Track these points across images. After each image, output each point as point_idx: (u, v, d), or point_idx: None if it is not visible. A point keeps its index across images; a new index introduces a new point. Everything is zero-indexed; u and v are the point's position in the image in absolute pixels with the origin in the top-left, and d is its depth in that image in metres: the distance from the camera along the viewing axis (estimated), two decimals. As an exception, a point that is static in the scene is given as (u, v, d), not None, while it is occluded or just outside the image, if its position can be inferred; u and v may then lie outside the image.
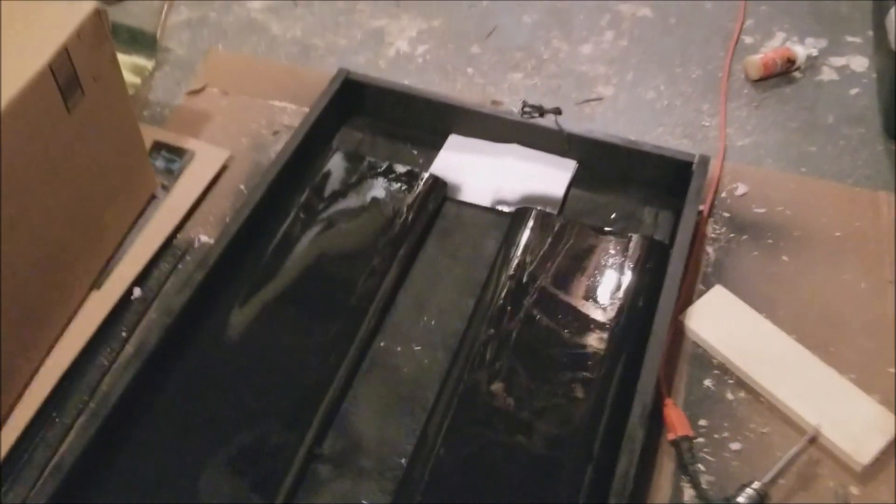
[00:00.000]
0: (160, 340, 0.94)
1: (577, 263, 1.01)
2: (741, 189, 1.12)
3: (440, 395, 0.93)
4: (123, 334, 1.03)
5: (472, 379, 0.92)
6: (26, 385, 0.97)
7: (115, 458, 0.88)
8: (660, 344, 0.89)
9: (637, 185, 1.10)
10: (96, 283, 1.07)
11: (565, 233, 1.04)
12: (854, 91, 1.25)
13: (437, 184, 1.12)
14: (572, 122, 1.14)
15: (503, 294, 0.99)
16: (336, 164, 1.15)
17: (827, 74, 1.28)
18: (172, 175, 1.19)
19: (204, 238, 1.13)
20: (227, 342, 0.97)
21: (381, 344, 0.99)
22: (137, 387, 0.91)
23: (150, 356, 0.93)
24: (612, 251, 1.01)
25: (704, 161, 1.05)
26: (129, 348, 1.01)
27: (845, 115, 1.21)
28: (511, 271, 1.01)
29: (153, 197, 1.16)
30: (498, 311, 0.97)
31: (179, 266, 1.10)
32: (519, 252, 1.02)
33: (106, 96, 1.01)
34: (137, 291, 1.07)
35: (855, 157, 1.16)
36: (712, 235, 1.08)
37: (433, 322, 1.00)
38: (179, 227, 1.14)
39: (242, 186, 1.18)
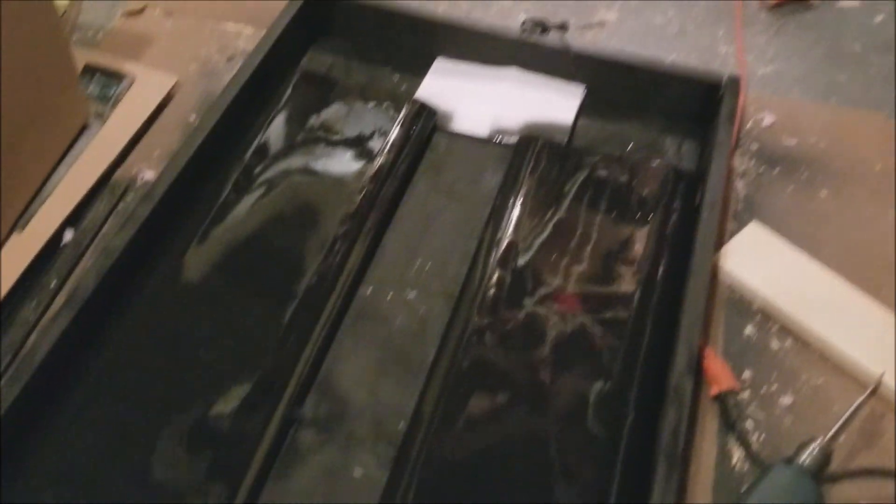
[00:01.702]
0: (97, 288, 0.77)
1: (595, 197, 0.87)
2: (768, 119, 1.00)
3: (443, 347, 0.78)
4: (53, 284, 0.85)
5: (481, 327, 0.77)
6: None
7: (44, 433, 0.71)
8: (703, 282, 0.76)
9: (656, 111, 0.96)
10: (17, 224, 0.88)
11: (579, 163, 0.90)
12: (879, 18, 1.14)
13: (425, 111, 0.96)
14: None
15: (511, 233, 0.84)
16: (302, 91, 0.99)
17: (847, 1, 1.16)
18: (108, 103, 1.01)
19: (148, 175, 0.95)
20: (179, 289, 0.81)
21: (368, 291, 0.83)
22: (70, 344, 0.74)
23: (86, 306, 0.75)
24: (635, 183, 0.88)
25: (735, 81, 0.92)
26: (60, 300, 0.83)
27: (872, 44, 1.10)
28: (518, 208, 0.86)
29: (85, 127, 0.98)
30: (506, 252, 0.83)
31: (119, 206, 0.92)
32: (526, 187, 0.88)
33: (25, 4, 0.83)
34: (69, 234, 0.89)
35: (887, 87, 1.04)
36: (740, 169, 0.95)
37: (428, 266, 0.85)
38: (118, 161, 0.96)
39: (192, 118, 1.01)
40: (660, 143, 0.95)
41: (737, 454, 0.75)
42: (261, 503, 0.70)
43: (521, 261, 0.82)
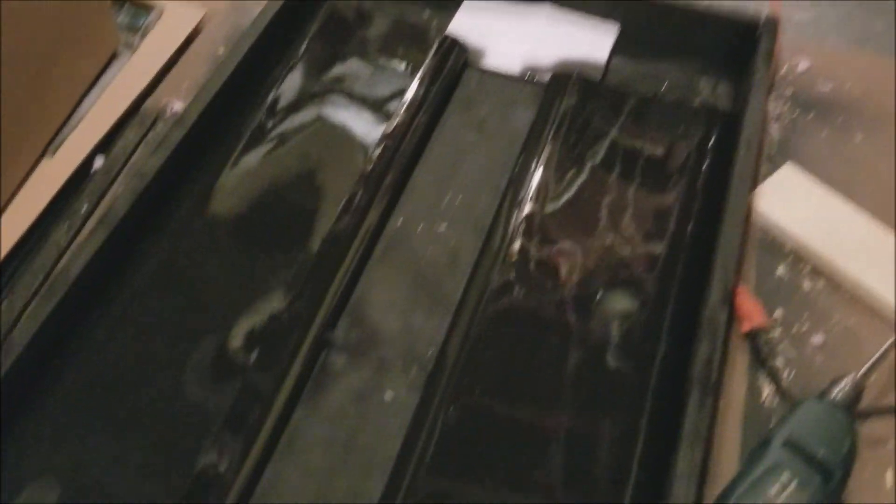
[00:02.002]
0: (132, 208, 0.77)
1: (629, 135, 0.86)
2: (803, 64, 0.99)
3: (473, 279, 0.78)
4: (84, 209, 0.85)
5: (512, 261, 0.77)
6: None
7: (74, 351, 0.72)
8: (739, 218, 0.76)
9: (691, 52, 0.95)
10: (47, 150, 0.88)
11: (612, 102, 0.89)
12: (917, -34, 1.12)
13: (456, 46, 0.95)
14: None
15: (543, 170, 0.84)
16: (333, 24, 0.98)
17: (885, -51, 1.15)
18: (137, 33, 1.00)
19: (177, 106, 0.94)
20: (211, 216, 0.81)
21: (399, 223, 0.83)
22: (105, 261, 0.74)
23: (120, 224, 0.76)
24: (670, 122, 0.87)
25: (772, 22, 0.91)
26: (93, 224, 0.83)
27: (910, -9, 1.09)
28: (550, 146, 0.85)
29: (115, 56, 0.98)
30: (538, 188, 0.82)
31: (149, 135, 0.92)
32: (559, 124, 0.87)
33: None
34: (99, 161, 0.89)
35: (924, 35, 1.03)
36: (775, 113, 0.94)
37: (459, 199, 0.84)
38: (148, 91, 0.95)
39: (221, 51, 1.00)
40: (694, 83, 0.94)
41: (766, 391, 0.75)
42: (292, 424, 0.70)
43: (553, 197, 0.82)
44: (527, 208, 0.81)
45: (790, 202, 0.85)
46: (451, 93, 0.93)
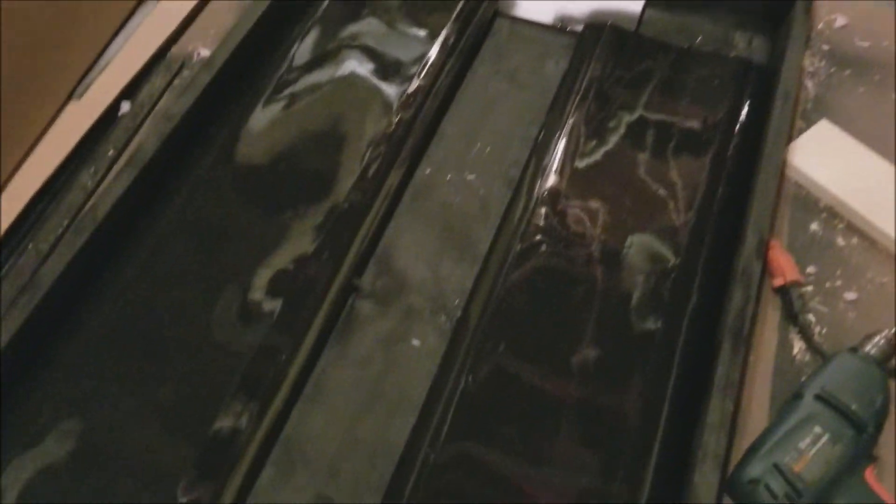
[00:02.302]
0: (159, 150, 0.76)
1: (663, 87, 0.84)
2: (840, 21, 0.96)
3: (502, 229, 0.77)
4: (110, 153, 0.85)
5: (542, 211, 0.76)
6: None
7: (103, 287, 0.72)
8: (775, 170, 0.74)
9: (726, 5, 0.93)
10: (74, 93, 0.88)
11: (647, 54, 0.87)
12: (960, -77, 1.09)
13: (487, -5, 0.94)
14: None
15: (575, 120, 0.82)
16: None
17: None
18: (164, -21, 0.99)
19: (204, 52, 0.94)
20: (238, 160, 0.80)
21: (427, 171, 0.82)
22: (132, 203, 0.74)
23: (148, 167, 0.75)
24: (705, 74, 0.85)
25: (811, -24, 0.89)
26: (119, 167, 0.83)
27: (952, -52, 1.06)
28: (584, 95, 0.84)
29: (141, 1, 0.97)
30: (570, 139, 0.81)
31: (176, 81, 0.91)
32: (591, 74, 0.86)
33: None
34: (126, 106, 0.88)
35: (967, -8, 1.00)
36: (810, 69, 0.92)
37: (488, 150, 0.83)
38: (174, 37, 0.95)
39: None
40: (729, 37, 0.92)
41: (798, 346, 0.74)
42: (319, 368, 0.70)
43: (585, 149, 0.81)
44: (557, 160, 0.80)
45: (825, 158, 0.83)
46: (481, 42, 0.92)
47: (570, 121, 0.82)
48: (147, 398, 0.66)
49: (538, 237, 0.75)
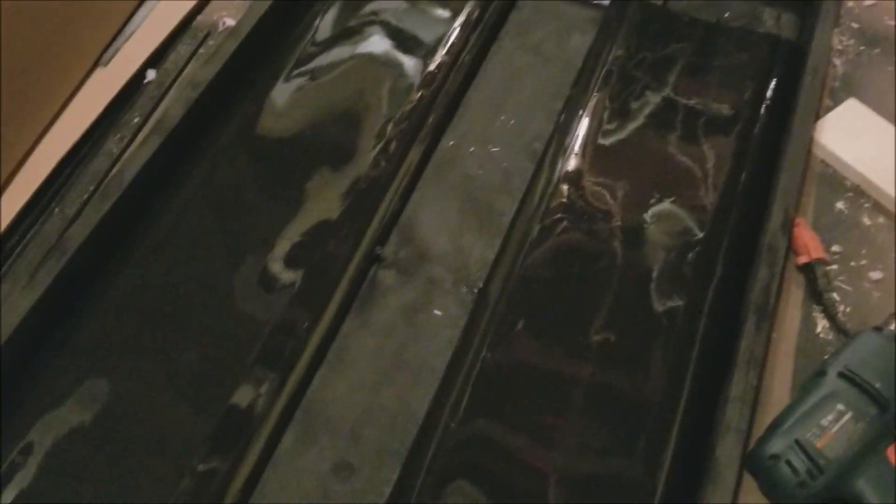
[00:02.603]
0: (184, 117, 0.76)
1: (690, 62, 0.84)
2: (871, -1, 0.96)
3: (525, 201, 0.77)
4: (136, 120, 0.85)
5: (566, 184, 0.76)
6: (17, 168, 0.80)
7: (129, 251, 0.72)
8: (802, 146, 0.74)
9: (755, -20, 0.92)
10: (100, 60, 0.88)
11: (676, 27, 0.86)
12: None
13: (513, -31, 0.93)
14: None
15: (600, 94, 0.82)
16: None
17: None
18: (190, -52, 0.99)
19: (229, 21, 0.94)
20: (266, 126, 0.80)
21: (450, 143, 0.82)
22: (158, 169, 0.74)
23: (173, 133, 0.75)
24: (733, 50, 0.84)
25: (843, -49, 0.88)
26: (145, 134, 0.83)
27: None
28: (610, 68, 0.83)
29: (167, -30, 0.97)
30: (595, 112, 0.81)
31: (201, 50, 0.91)
32: (617, 49, 0.85)
33: None
34: (151, 74, 0.88)
35: None
36: (839, 47, 0.91)
37: (512, 122, 0.83)
38: (200, 6, 0.95)
39: (273, -30, 0.99)
40: (758, 13, 0.91)
41: (821, 324, 0.73)
42: (340, 337, 0.70)
43: (611, 122, 0.80)
44: (582, 135, 0.79)
45: (853, 137, 0.82)
46: (506, 15, 0.91)
47: (595, 96, 0.82)
48: (169, 363, 0.67)
49: (561, 211, 0.75)
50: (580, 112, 0.81)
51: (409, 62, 0.85)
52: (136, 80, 0.87)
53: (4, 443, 0.61)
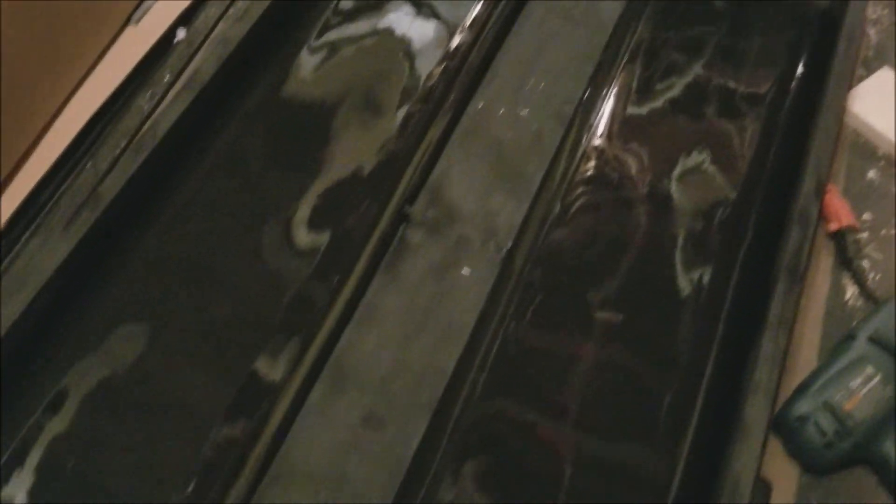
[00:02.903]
0: (215, 75, 0.76)
1: (725, 26, 0.83)
2: (906, -32, 0.94)
3: (555, 164, 0.76)
4: (167, 78, 0.86)
5: (596, 146, 0.76)
6: (49, 124, 0.81)
7: (164, 200, 0.73)
8: (836, 112, 0.73)
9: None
10: (131, 19, 0.88)
11: (706, -7, 0.86)
12: None
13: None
14: None
15: (632, 59, 0.81)
16: None
17: None
18: None
19: (259, -18, 0.94)
20: (294, 86, 0.80)
21: (479, 105, 0.82)
22: (189, 125, 0.75)
23: (204, 90, 0.75)
24: (767, 16, 0.84)
25: (881, -83, 0.87)
26: (176, 91, 0.83)
27: None
28: (640, 34, 0.83)
29: (198, -70, 0.97)
30: (626, 76, 0.80)
31: (230, 10, 0.91)
32: (649, 13, 0.84)
33: None
34: (181, 33, 0.89)
35: None
36: (872, 16, 0.90)
37: (542, 85, 0.83)
38: (230, -33, 0.95)
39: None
40: (791, -19, 0.90)
41: (850, 291, 0.73)
42: (369, 294, 0.71)
43: (642, 87, 0.80)
44: (613, 97, 0.79)
45: (885, 106, 0.82)
46: (537, -20, 0.91)
47: (625, 59, 0.81)
48: (200, 314, 0.68)
49: (591, 174, 0.75)
50: (611, 77, 0.81)
51: (439, 24, 0.85)
52: (167, 39, 0.88)
53: (46, 383, 0.63)
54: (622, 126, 0.77)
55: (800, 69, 0.81)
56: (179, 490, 0.60)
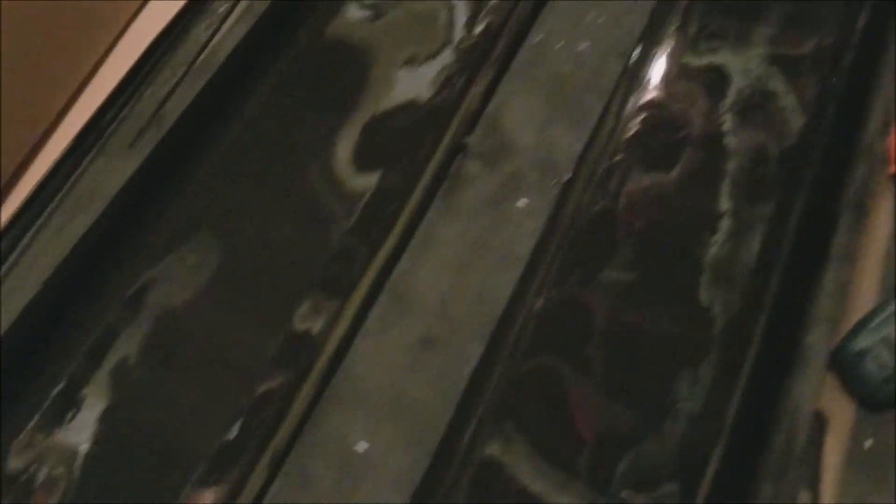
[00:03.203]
0: (271, 5, 0.77)
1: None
2: None
3: (613, 98, 0.76)
4: (223, 9, 0.86)
5: (656, 81, 0.75)
6: (109, 49, 0.81)
7: (219, 129, 0.74)
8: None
9: None
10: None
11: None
12: None
13: None
14: None
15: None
16: None
17: None
18: None
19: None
20: (352, 20, 0.80)
21: (538, 38, 0.81)
22: (246, 53, 0.75)
23: (261, 20, 0.76)
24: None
25: None
26: (232, 21, 0.83)
27: None
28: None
29: None
30: (687, 15, 0.79)
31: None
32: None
33: None
34: (236, -35, 0.89)
35: None
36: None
37: (602, 19, 0.82)
38: None
39: None
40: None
41: (911, 234, 0.72)
42: (426, 222, 0.71)
43: (703, 23, 0.78)
44: (673, 33, 0.78)
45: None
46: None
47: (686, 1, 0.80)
48: (263, 233, 0.69)
49: (651, 109, 0.74)
50: (672, 13, 0.79)
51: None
52: (223, -29, 0.88)
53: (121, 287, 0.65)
54: (685, 60, 0.76)
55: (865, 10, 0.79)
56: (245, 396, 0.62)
